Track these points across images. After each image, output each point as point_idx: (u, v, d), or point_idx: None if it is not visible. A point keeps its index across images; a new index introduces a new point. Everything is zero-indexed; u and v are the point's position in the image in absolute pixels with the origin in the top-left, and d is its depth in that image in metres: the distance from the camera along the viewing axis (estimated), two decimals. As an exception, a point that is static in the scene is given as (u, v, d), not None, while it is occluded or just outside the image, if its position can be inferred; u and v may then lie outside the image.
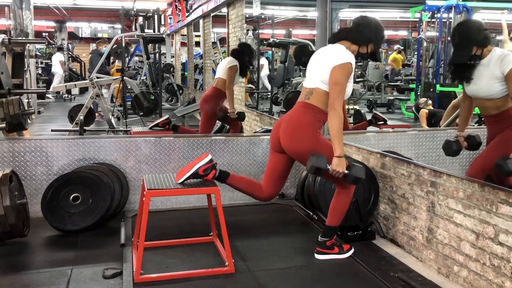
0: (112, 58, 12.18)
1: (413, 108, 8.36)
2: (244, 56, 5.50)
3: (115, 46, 9.70)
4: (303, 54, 6.31)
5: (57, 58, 15.37)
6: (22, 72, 5.17)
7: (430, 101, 6.94)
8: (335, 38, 3.13)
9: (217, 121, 5.97)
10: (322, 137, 3.05)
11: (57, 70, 15.17)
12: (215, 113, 5.47)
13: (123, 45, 9.67)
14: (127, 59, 12.22)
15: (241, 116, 5.60)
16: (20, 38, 8.05)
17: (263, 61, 13.51)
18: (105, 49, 12.66)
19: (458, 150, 3.47)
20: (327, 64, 2.95)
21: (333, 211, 3.13)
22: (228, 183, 3.20)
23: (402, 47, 14.10)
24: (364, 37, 3.05)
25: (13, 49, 4.98)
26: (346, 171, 2.84)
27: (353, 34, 3.07)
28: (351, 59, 2.95)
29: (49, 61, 16.30)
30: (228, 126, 5.95)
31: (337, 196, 3.11)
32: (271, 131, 3.25)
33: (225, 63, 5.45)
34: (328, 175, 2.93)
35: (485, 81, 3.14)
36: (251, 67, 5.98)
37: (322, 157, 2.85)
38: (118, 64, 11.82)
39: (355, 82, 11.10)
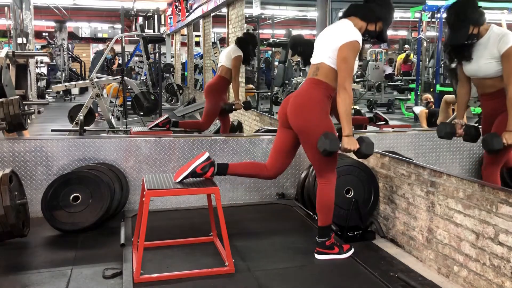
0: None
1: (413, 109, 8.37)
2: (249, 46, 5.56)
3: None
4: (298, 43, 6.29)
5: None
6: (26, 84, 5.28)
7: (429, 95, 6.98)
8: (344, 14, 3.12)
9: (217, 120, 5.98)
10: (329, 118, 3.03)
11: None
12: (219, 101, 5.49)
13: (123, 45, 9.67)
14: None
15: (247, 105, 5.66)
16: (23, 51, 8.13)
17: None
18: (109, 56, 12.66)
19: (451, 133, 3.35)
20: (334, 41, 2.95)
21: (320, 209, 3.11)
22: (229, 173, 3.19)
23: (407, 47, 14.10)
24: (373, 14, 3.03)
25: (16, 61, 5.05)
26: (357, 147, 2.89)
27: (362, 11, 3.05)
28: (358, 37, 2.94)
29: (49, 61, 16.29)
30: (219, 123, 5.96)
31: (320, 193, 3.09)
32: (280, 106, 3.24)
33: (230, 52, 5.48)
34: (314, 159, 3.04)
35: (484, 61, 3.11)
36: (254, 56, 6.10)
37: (335, 140, 2.86)
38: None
39: (354, 82, 11.14)
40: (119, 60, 13.37)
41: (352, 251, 3.19)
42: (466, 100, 3.40)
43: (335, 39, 2.96)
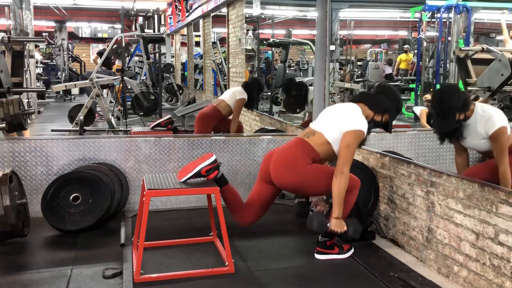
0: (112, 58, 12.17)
1: (413, 109, 8.36)
2: (254, 91, 5.69)
3: (115, 46, 9.69)
4: (291, 87, 6.41)
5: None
6: (22, 71, 5.15)
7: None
8: (354, 99, 3.26)
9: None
10: (311, 166, 3.06)
11: None
12: (209, 128, 5.52)
13: (123, 45, 9.66)
14: (127, 59, 12.21)
15: None
16: (19, 37, 8.02)
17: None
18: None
19: None
20: (341, 124, 3.05)
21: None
22: (224, 190, 3.20)
23: (407, 47, 14.05)
24: (381, 107, 3.15)
25: (12, 48, 4.95)
26: (345, 230, 3.00)
27: (372, 101, 3.17)
28: (364, 126, 3.05)
29: (49, 61, 16.28)
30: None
31: (347, 199, 3.10)
32: (262, 161, 3.30)
33: (235, 93, 5.59)
34: (320, 192, 3.21)
35: (477, 141, 3.19)
36: (257, 102, 6.28)
37: (322, 221, 3.00)
38: (118, 64, 11.82)
39: (354, 82, 11.13)
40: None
41: (352, 251, 3.20)
42: (465, 169, 3.43)
43: (342, 122, 3.05)
